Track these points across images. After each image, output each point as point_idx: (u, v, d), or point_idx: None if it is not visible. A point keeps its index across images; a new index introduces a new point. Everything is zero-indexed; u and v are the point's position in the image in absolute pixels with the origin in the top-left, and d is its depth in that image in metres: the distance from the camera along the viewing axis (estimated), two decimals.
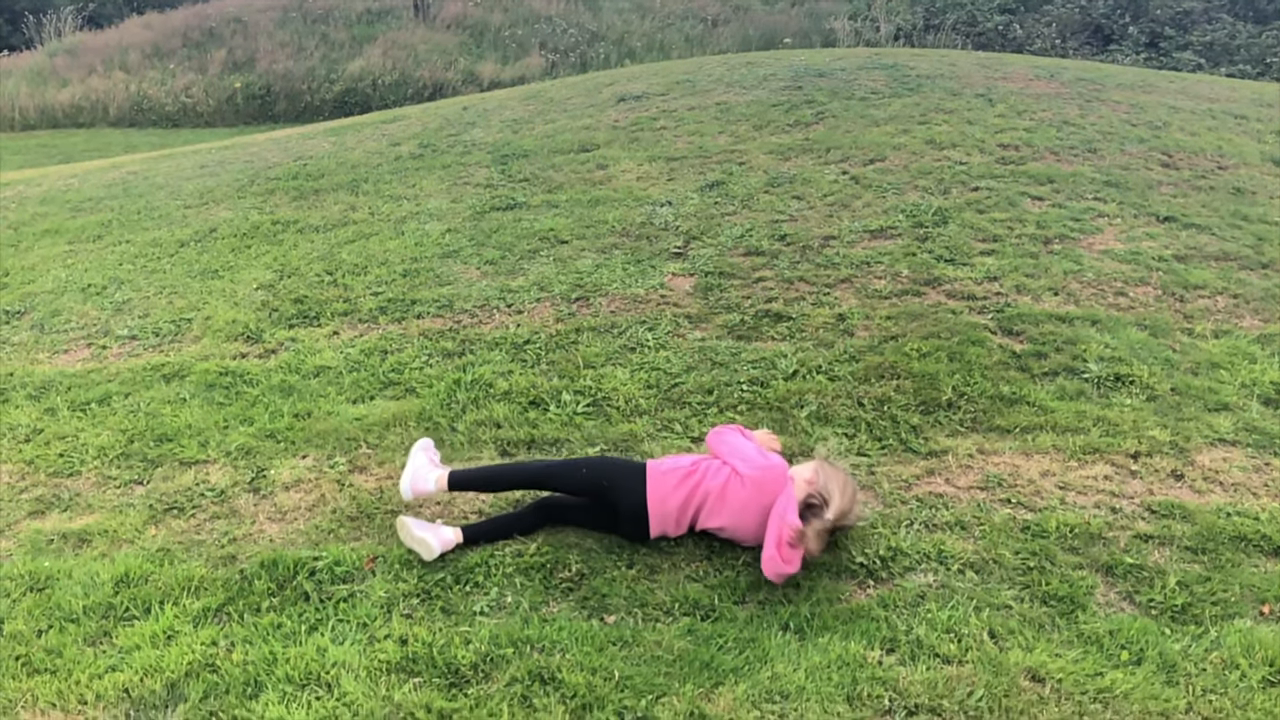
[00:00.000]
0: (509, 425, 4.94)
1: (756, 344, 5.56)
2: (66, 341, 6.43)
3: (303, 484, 4.61)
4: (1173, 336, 5.48)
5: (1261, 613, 3.52)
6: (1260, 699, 3.09)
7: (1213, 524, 3.99)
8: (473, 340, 5.83)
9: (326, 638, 3.54)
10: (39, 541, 4.29)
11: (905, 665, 3.31)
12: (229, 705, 3.21)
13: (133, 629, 3.63)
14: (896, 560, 3.87)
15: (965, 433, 4.70)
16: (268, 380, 5.58)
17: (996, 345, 5.39)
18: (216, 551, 4.14)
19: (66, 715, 3.22)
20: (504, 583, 3.84)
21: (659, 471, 3.99)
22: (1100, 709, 3.08)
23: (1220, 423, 4.69)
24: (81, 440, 5.14)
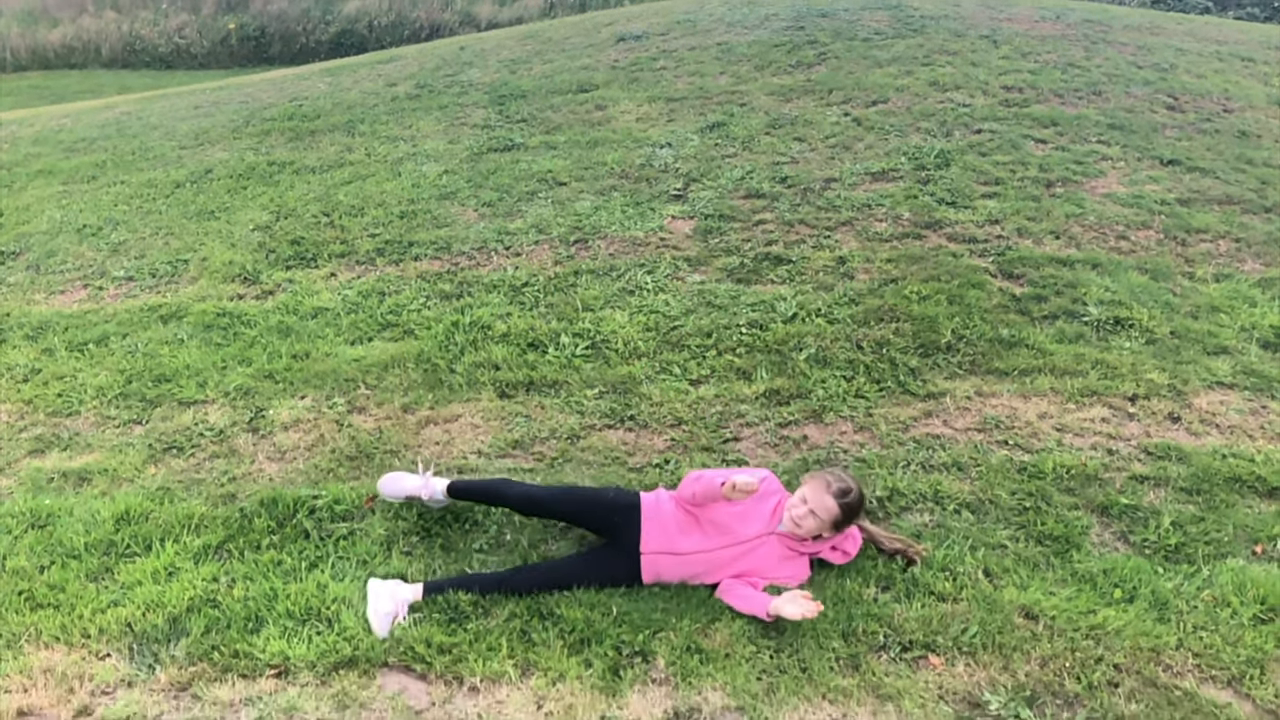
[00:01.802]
0: (508, 367, 4.93)
1: (756, 287, 5.54)
2: (63, 282, 6.40)
3: (301, 424, 4.61)
4: (1173, 280, 5.46)
5: (1254, 552, 3.55)
6: (1250, 636, 3.12)
7: (1208, 466, 4.00)
8: (470, 282, 5.80)
9: (327, 574, 3.56)
10: (39, 479, 4.30)
11: (900, 602, 3.34)
12: (230, 639, 3.24)
13: (134, 565, 3.66)
14: (893, 500, 3.89)
15: (964, 375, 4.69)
16: (265, 321, 5.57)
17: (996, 288, 5.36)
18: (216, 490, 4.15)
19: (70, 649, 3.25)
20: (503, 521, 3.86)
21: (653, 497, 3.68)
22: (1092, 645, 3.11)
23: (1218, 366, 4.69)
24: (80, 380, 5.13)
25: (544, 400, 4.69)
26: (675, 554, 3.44)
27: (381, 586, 3.43)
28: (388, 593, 3.39)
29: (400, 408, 4.67)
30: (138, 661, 3.19)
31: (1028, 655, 3.09)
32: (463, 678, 3.10)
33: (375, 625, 3.28)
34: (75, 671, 3.14)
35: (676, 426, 4.45)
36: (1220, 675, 3.02)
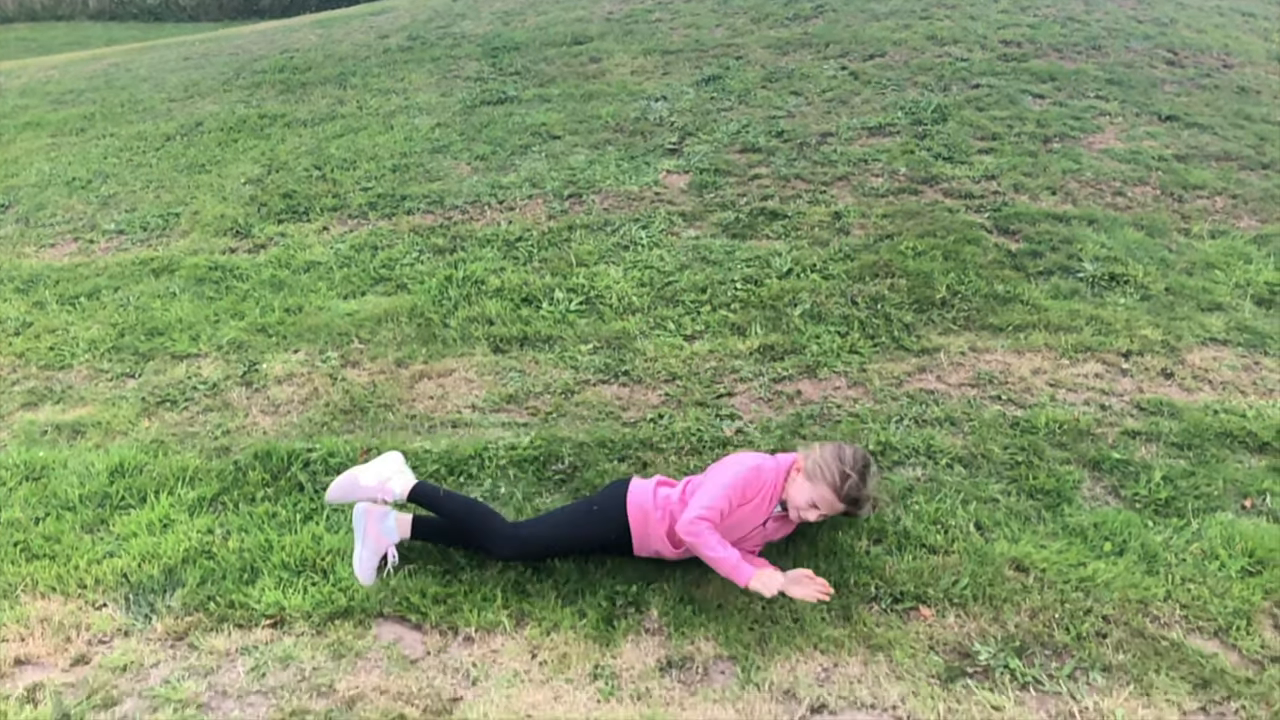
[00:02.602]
0: (501, 322, 4.92)
1: (751, 242, 5.52)
2: (53, 235, 6.35)
3: (295, 378, 4.61)
4: (1169, 236, 5.45)
5: (1243, 506, 3.58)
6: (1238, 588, 3.15)
7: (1200, 421, 4.02)
8: (464, 237, 5.77)
9: (321, 526, 3.57)
10: (33, 432, 4.30)
11: (892, 555, 3.36)
12: (226, 590, 3.26)
13: (129, 517, 3.67)
14: (886, 454, 3.90)
15: (958, 331, 4.69)
16: (258, 275, 5.54)
17: (992, 244, 5.35)
18: (210, 443, 4.15)
19: (66, 599, 3.26)
20: (497, 474, 3.87)
21: None
22: (1082, 597, 3.14)
23: (1212, 322, 4.69)
24: (72, 334, 5.11)
25: (538, 355, 4.68)
26: (666, 557, 3.35)
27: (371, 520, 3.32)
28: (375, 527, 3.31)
29: (394, 362, 4.67)
30: (134, 611, 3.21)
31: (1018, 607, 3.12)
32: (457, 627, 3.12)
33: (362, 575, 3.29)
34: (72, 621, 3.15)
35: (671, 382, 4.45)
36: (1207, 626, 3.05)
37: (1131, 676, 2.87)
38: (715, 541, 3.05)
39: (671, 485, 3.38)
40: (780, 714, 2.80)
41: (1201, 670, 2.88)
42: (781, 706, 2.83)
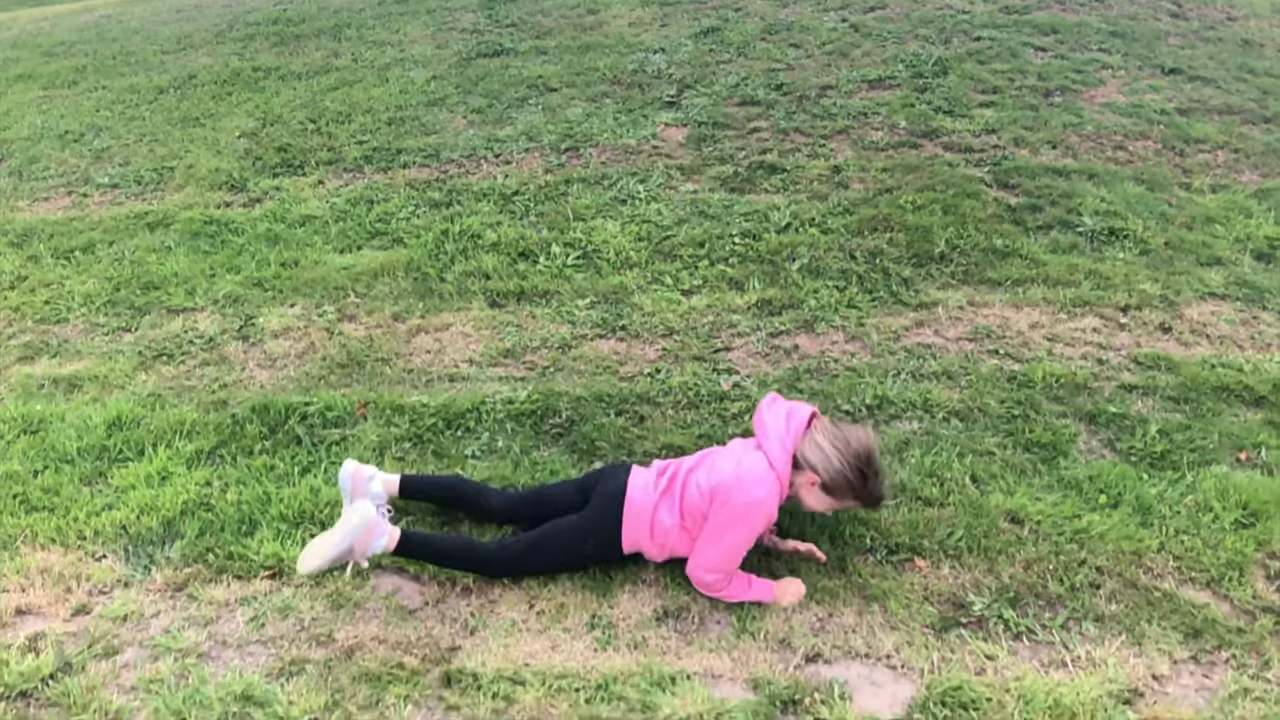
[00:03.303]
0: (498, 276, 4.90)
1: (750, 196, 5.48)
2: (46, 189, 6.30)
3: (292, 332, 4.60)
4: (1170, 191, 5.41)
5: (1239, 459, 3.59)
6: (1231, 539, 3.17)
7: (1197, 375, 4.02)
8: (460, 190, 5.73)
9: (319, 479, 3.58)
10: (30, 386, 4.29)
11: (888, 508, 3.38)
12: (224, 541, 3.27)
13: (127, 470, 3.68)
14: (883, 408, 3.91)
15: (956, 285, 4.68)
16: (253, 229, 5.51)
17: (992, 198, 5.32)
18: (207, 397, 4.15)
19: (66, 550, 3.28)
20: (495, 428, 3.87)
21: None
22: (1076, 548, 3.16)
23: (1211, 277, 4.68)
24: (67, 288, 5.09)
25: (535, 310, 4.67)
26: None
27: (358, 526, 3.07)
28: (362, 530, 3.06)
29: (390, 316, 4.65)
30: (133, 563, 3.22)
31: (1012, 558, 3.14)
32: (455, 578, 3.14)
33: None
34: (72, 572, 3.17)
35: (668, 336, 4.44)
36: (1200, 577, 3.07)
37: (1124, 626, 2.90)
38: (738, 589, 3.01)
39: (669, 492, 3.09)
40: (775, 663, 2.83)
41: (1193, 620, 2.91)
42: (777, 655, 2.85)
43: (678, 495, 3.06)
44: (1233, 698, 2.66)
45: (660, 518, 3.04)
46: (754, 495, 2.93)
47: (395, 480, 3.34)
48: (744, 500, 2.93)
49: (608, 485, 3.17)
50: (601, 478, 3.25)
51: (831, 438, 2.98)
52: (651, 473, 3.18)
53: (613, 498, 3.10)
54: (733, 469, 3.00)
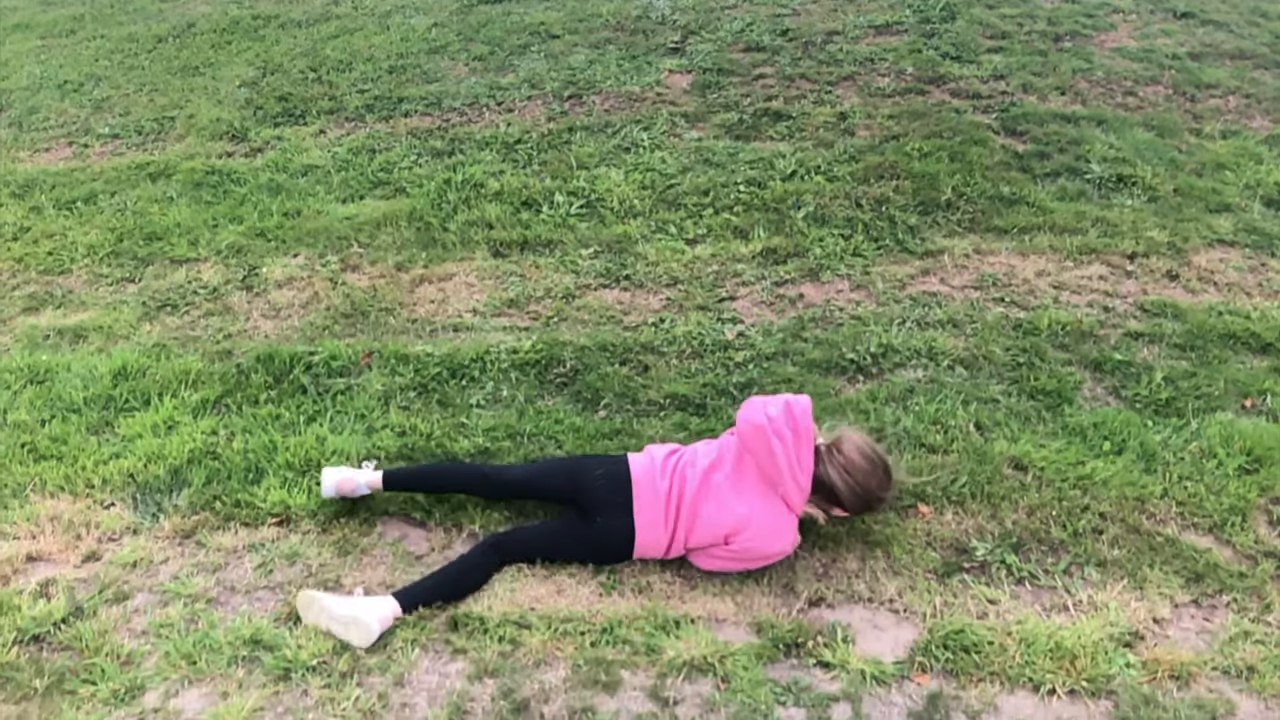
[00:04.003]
0: (501, 226, 4.87)
1: (755, 144, 5.43)
2: (47, 139, 6.26)
3: (295, 282, 4.59)
4: (1180, 137, 5.35)
5: (1244, 406, 3.58)
6: (1234, 485, 3.18)
7: (1203, 322, 4.00)
8: (462, 139, 5.69)
9: (325, 428, 3.60)
10: (35, 336, 4.30)
11: (891, 454, 3.37)
12: (231, 489, 3.29)
13: (134, 419, 3.69)
14: (887, 356, 3.90)
15: (963, 233, 4.65)
16: (255, 179, 5.48)
17: (999, 145, 5.27)
18: (212, 347, 4.16)
19: (75, 498, 3.30)
20: (499, 378, 3.87)
21: (640, 454, 3.13)
22: (1079, 495, 3.17)
23: (1220, 224, 4.64)
24: (70, 239, 5.08)
25: (538, 260, 4.65)
26: None
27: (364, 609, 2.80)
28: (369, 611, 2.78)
29: (394, 266, 4.64)
30: (141, 510, 3.25)
31: (1015, 504, 3.15)
32: (461, 525, 3.16)
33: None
34: (81, 519, 3.19)
35: (672, 286, 4.42)
36: (1202, 522, 3.08)
37: (1126, 571, 2.91)
38: None
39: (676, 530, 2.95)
40: (779, 607, 2.85)
41: (1195, 565, 2.92)
42: (780, 600, 2.88)
43: (684, 532, 2.94)
44: (1233, 640, 2.69)
45: (672, 546, 2.97)
46: (779, 548, 2.92)
47: (378, 479, 3.16)
48: (769, 553, 2.92)
49: (611, 527, 2.97)
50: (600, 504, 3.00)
51: (855, 471, 2.89)
52: (659, 508, 2.94)
53: (620, 542, 2.97)
54: (749, 518, 2.86)
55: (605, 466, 3.07)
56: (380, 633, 2.73)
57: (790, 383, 3.77)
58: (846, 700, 2.54)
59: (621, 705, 2.52)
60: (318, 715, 2.50)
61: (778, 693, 2.55)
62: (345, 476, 3.14)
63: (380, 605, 2.77)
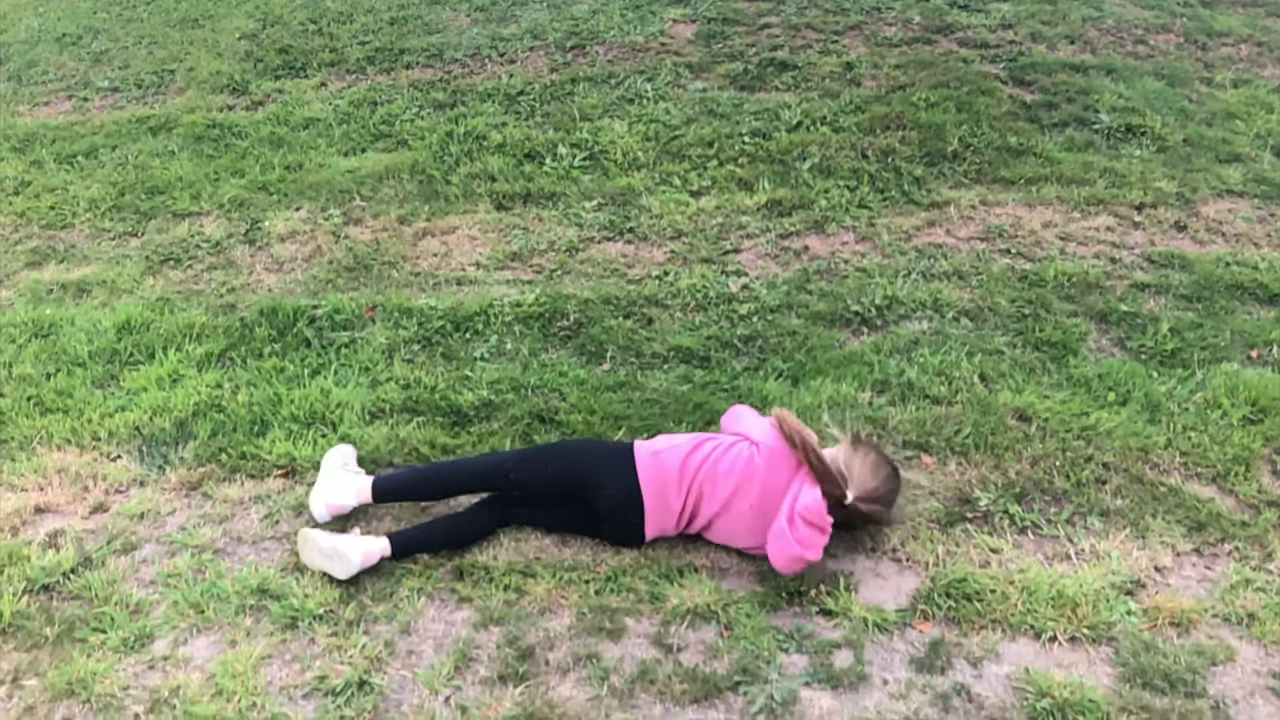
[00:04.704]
0: (504, 179, 4.84)
1: (760, 94, 5.38)
2: (46, 93, 6.22)
3: (298, 235, 4.57)
4: (1190, 86, 5.29)
5: (1250, 356, 3.57)
6: (1238, 435, 3.18)
7: (1211, 273, 3.98)
8: (464, 91, 5.64)
9: (329, 381, 3.60)
10: (38, 291, 4.30)
11: (895, 405, 3.38)
12: (237, 441, 3.30)
13: (139, 373, 3.70)
14: (892, 308, 3.88)
15: (969, 184, 4.61)
16: (256, 132, 5.44)
17: (1007, 95, 5.21)
18: (216, 300, 4.15)
19: (82, 451, 3.32)
20: (503, 330, 3.87)
21: (650, 451, 2.90)
22: (1083, 445, 3.17)
23: (1229, 174, 4.60)
24: (71, 193, 5.06)
25: (541, 212, 4.63)
26: None
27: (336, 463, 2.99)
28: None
29: (396, 219, 4.62)
30: (148, 463, 3.26)
31: (1019, 455, 3.15)
32: None
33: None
34: (88, 472, 3.21)
35: (676, 238, 4.40)
36: (1205, 472, 3.08)
37: (1128, 520, 2.92)
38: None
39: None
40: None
41: (1197, 514, 2.93)
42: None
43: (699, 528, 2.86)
44: (1234, 588, 2.70)
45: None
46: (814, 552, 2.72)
47: (366, 487, 2.99)
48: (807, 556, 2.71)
49: (619, 536, 2.89)
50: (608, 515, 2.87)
51: (877, 498, 2.80)
52: (670, 522, 2.84)
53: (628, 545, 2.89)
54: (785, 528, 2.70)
55: (613, 483, 2.83)
56: (361, 566, 2.74)
57: (795, 335, 3.76)
58: (848, 647, 2.56)
59: (626, 652, 2.55)
60: (325, 663, 2.53)
61: (780, 639, 2.58)
62: (333, 498, 2.95)
63: (368, 542, 2.78)
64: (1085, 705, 2.35)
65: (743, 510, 2.77)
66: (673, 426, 3.31)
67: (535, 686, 2.44)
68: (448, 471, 3.08)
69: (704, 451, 2.85)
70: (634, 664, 2.51)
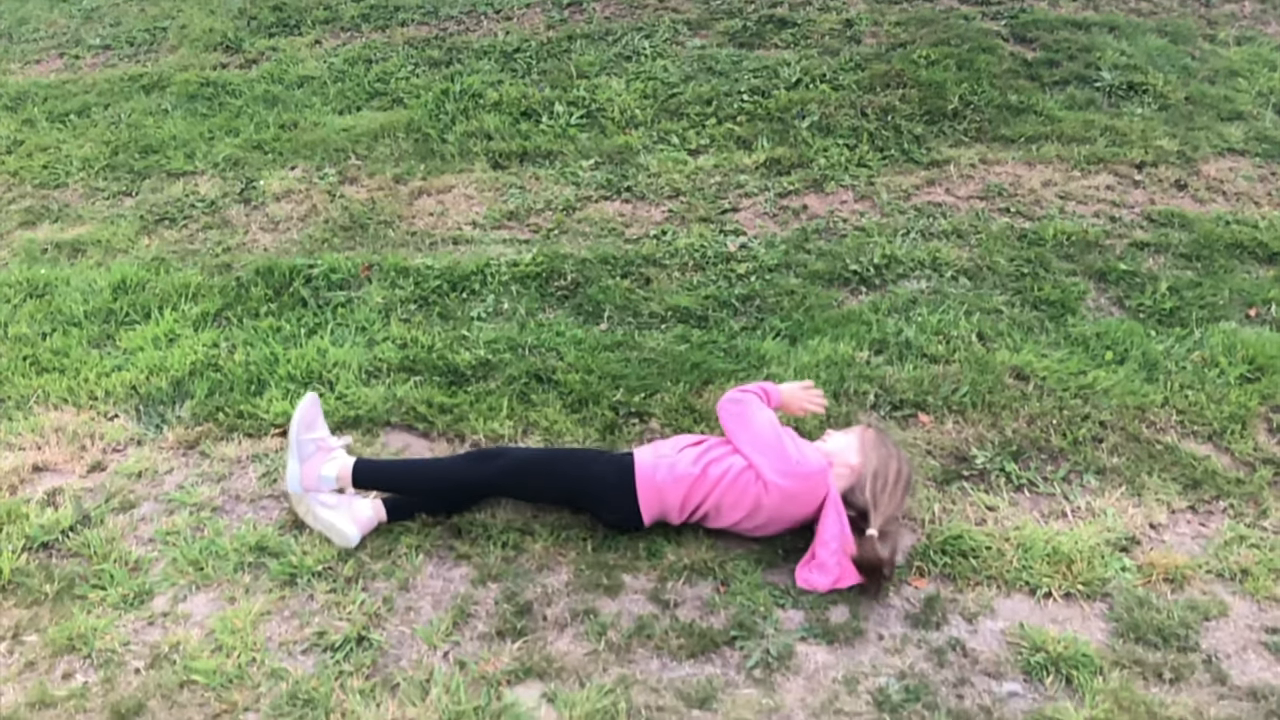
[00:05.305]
0: (500, 137, 4.81)
1: (759, 51, 5.32)
2: (37, 51, 6.15)
3: (293, 195, 4.54)
4: (1193, 43, 5.24)
5: (1248, 315, 3.57)
6: (1235, 394, 3.18)
7: (1210, 232, 3.96)
8: (460, 48, 5.58)
9: (326, 340, 3.59)
10: (33, 250, 4.28)
11: (893, 364, 3.38)
12: (234, 401, 3.30)
13: (135, 332, 3.68)
14: (890, 268, 3.87)
15: (969, 143, 4.58)
16: (251, 91, 5.39)
17: (1008, 53, 5.16)
18: (211, 260, 4.13)
19: (79, 410, 3.32)
20: (500, 290, 3.86)
21: (651, 472, 2.71)
22: (1080, 404, 3.17)
23: (1231, 132, 4.56)
24: (64, 152, 5.02)
25: (538, 171, 4.60)
26: None
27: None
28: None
29: (392, 178, 4.59)
30: (145, 422, 3.26)
31: (1016, 413, 3.15)
32: (464, 435, 3.17)
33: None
34: (86, 431, 3.21)
35: (674, 197, 4.38)
36: (1202, 430, 3.09)
37: (1124, 478, 2.93)
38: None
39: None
40: None
41: (1193, 472, 2.94)
42: None
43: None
44: (1228, 545, 2.71)
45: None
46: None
47: (348, 469, 2.82)
48: None
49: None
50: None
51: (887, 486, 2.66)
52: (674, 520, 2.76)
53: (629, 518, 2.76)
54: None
55: (613, 509, 2.74)
56: (361, 537, 2.75)
57: (793, 294, 3.75)
58: (844, 602, 2.57)
59: (623, 607, 2.56)
60: (324, 619, 2.54)
61: (776, 595, 2.59)
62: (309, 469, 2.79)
63: (362, 509, 2.77)
64: (1079, 659, 2.37)
65: (748, 527, 2.73)
66: (670, 386, 3.31)
67: (533, 641, 2.46)
68: (431, 470, 2.90)
69: (710, 480, 2.67)
70: (631, 619, 2.52)
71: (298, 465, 2.79)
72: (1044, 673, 2.36)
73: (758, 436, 2.69)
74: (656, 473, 2.69)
